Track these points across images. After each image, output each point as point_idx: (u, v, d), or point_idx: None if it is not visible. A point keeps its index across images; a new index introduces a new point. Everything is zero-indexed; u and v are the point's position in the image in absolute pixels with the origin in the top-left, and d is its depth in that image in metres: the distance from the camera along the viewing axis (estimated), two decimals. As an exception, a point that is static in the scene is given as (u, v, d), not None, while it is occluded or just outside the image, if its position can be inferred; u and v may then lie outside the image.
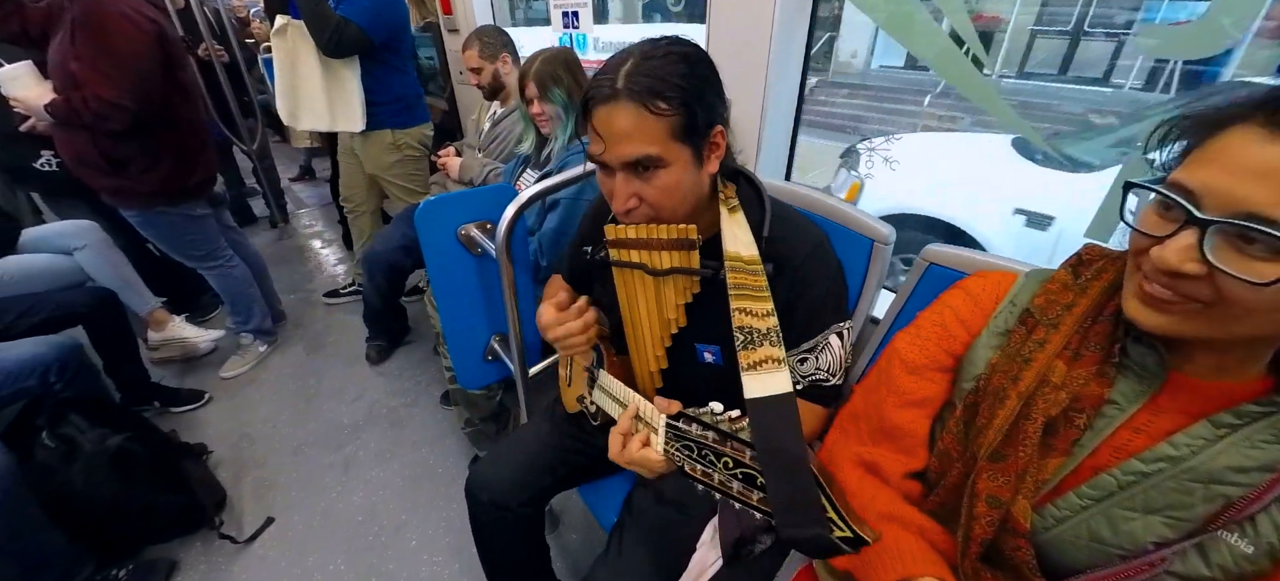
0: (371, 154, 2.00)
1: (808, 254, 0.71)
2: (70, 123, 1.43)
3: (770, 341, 0.61)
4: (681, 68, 0.61)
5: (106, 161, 1.51)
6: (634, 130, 0.61)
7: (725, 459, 0.52)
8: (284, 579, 1.32)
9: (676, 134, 0.62)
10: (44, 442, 1.20)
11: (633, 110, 0.60)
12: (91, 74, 1.37)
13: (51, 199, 1.85)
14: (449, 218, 1.12)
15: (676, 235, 0.67)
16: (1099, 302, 0.51)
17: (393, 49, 1.87)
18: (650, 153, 0.62)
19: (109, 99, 1.38)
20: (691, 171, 0.65)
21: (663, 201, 0.66)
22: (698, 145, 0.65)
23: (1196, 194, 0.40)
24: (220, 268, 1.88)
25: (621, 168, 0.64)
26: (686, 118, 0.61)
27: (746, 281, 0.65)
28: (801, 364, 0.73)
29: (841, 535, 0.45)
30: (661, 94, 0.60)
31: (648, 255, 0.70)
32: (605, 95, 0.61)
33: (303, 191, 3.73)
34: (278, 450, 1.68)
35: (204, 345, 1.99)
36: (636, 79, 0.60)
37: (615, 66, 0.62)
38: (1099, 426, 0.49)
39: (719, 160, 0.68)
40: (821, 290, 0.72)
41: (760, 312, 0.63)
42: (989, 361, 0.55)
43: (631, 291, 0.75)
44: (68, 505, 1.18)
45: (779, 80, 1.07)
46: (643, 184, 0.65)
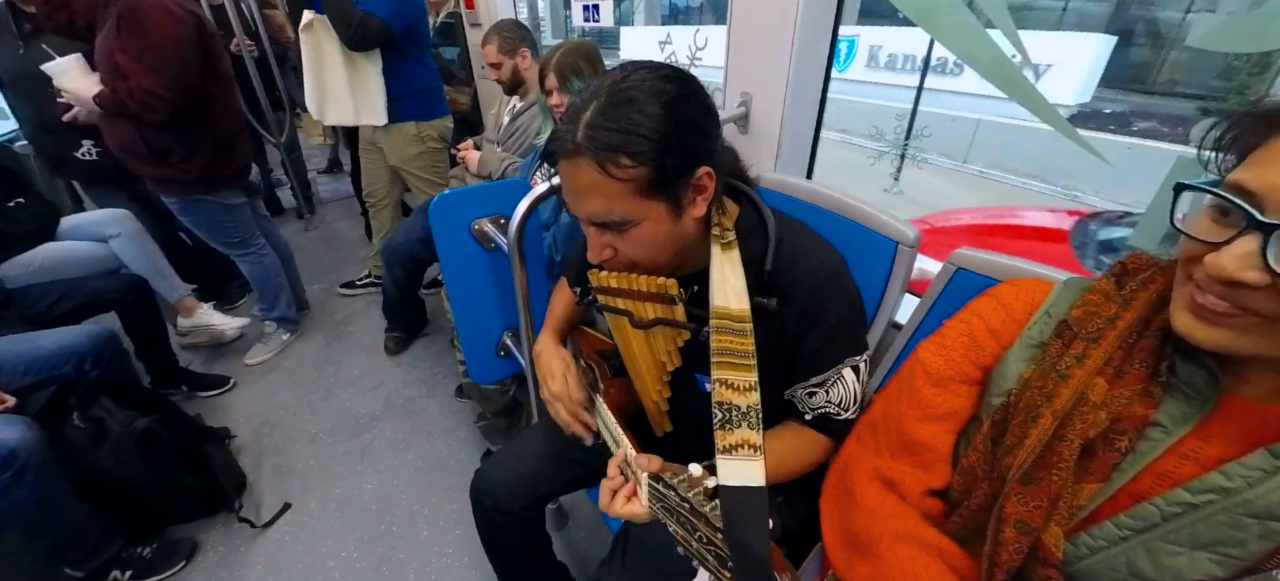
0: (395, 146, 2.02)
1: (820, 284, 0.64)
2: (116, 113, 1.49)
3: (749, 423, 0.56)
4: (652, 110, 0.53)
5: (150, 150, 1.56)
6: (594, 188, 0.55)
7: (699, 533, 0.51)
8: (299, 564, 1.34)
9: (644, 190, 0.55)
10: (74, 423, 1.25)
11: (592, 170, 0.54)
12: (135, 65, 1.42)
13: (90, 187, 1.92)
14: (463, 212, 1.11)
15: (656, 289, 0.63)
16: (1145, 316, 0.47)
17: (413, 40, 1.89)
18: (614, 215, 0.56)
19: (151, 89, 1.43)
20: (668, 222, 0.59)
21: (638, 254, 0.61)
22: (674, 194, 0.57)
23: (1259, 196, 0.36)
24: (253, 255, 1.93)
25: (590, 224, 0.60)
26: (656, 172, 0.54)
27: (732, 345, 0.59)
28: (811, 396, 0.68)
29: None
30: (625, 149, 0.52)
31: (631, 304, 0.66)
32: (567, 150, 0.55)
33: (330, 184, 3.81)
34: (296, 437, 1.71)
35: (230, 332, 2.05)
36: (598, 133, 0.53)
37: (578, 112, 0.55)
38: (1142, 450, 0.45)
39: (707, 200, 0.60)
40: (833, 321, 0.64)
41: (742, 386, 0.57)
42: (1021, 375, 0.52)
43: (624, 334, 0.71)
44: (96, 483, 1.22)
45: (802, 74, 1.03)
46: (615, 237, 0.60)
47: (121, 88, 1.43)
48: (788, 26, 0.98)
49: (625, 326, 0.69)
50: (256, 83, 2.67)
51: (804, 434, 0.70)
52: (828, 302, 0.64)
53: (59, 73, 1.51)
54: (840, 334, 0.65)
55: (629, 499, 0.61)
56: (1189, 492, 0.42)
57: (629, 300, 0.66)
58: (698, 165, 0.57)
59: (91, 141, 1.76)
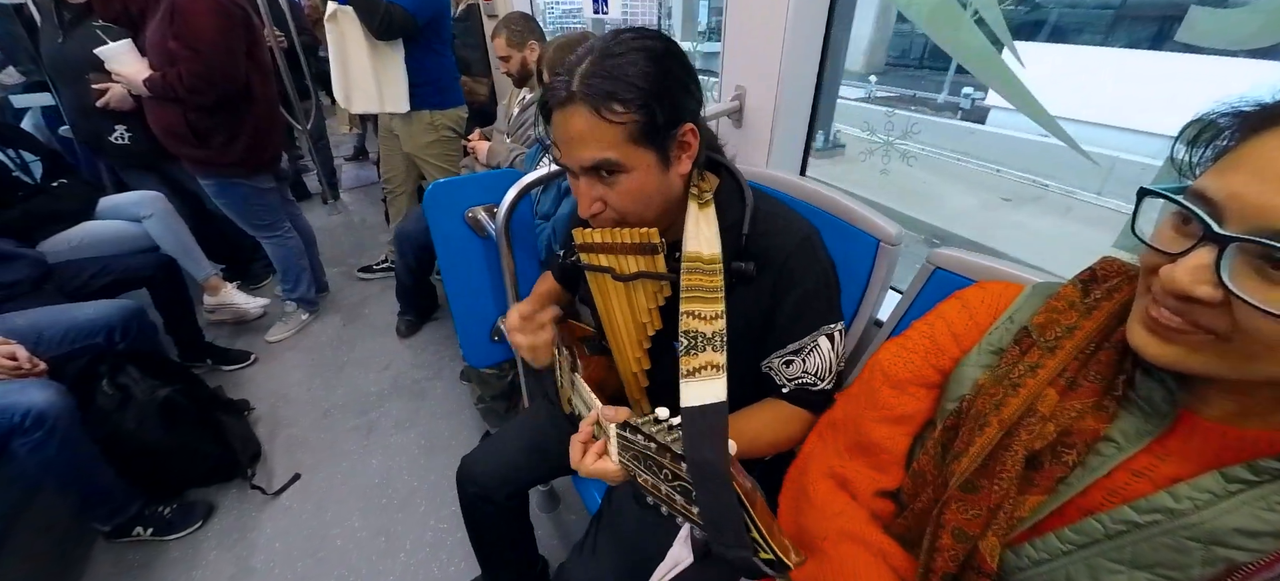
0: (411, 134, 2.07)
1: (793, 249, 0.66)
2: (165, 96, 1.59)
3: (713, 346, 0.57)
4: (642, 65, 0.57)
5: (193, 133, 1.66)
6: (589, 135, 0.58)
7: (665, 471, 0.50)
8: (305, 530, 1.41)
9: (636, 138, 0.58)
10: (104, 390, 1.33)
11: (587, 115, 0.57)
12: (186, 52, 1.51)
13: (124, 170, 2.03)
14: (457, 200, 1.14)
15: (640, 239, 0.65)
16: (1105, 327, 0.45)
17: (434, 31, 1.92)
18: (607, 157, 0.59)
19: (200, 75, 1.52)
20: (657, 174, 0.62)
21: (628, 206, 0.63)
22: (663, 146, 0.61)
23: (1219, 205, 0.34)
24: (279, 237, 2.02)
25: (582, 172, 0.62)
26: (646, 120, 0.57)
27: (701, 283, 0.61)
28: (788, 367, 0.69)
29: (765, 557, 0.42)
30: (617, 96, 0.56)
31: (614, 259, 0.68)
32: (561, 98, 0.59)
33: (354, 171, 3.93)
34: (309, 411, 1.79)
35: (253, 310, 2.15)
36: (592, 81, 0.57)
37: (573, 66, 0.59)
38: (1092, 465, 0.43)
39: (691, 159, 0.64)
40: (809, 286, 0.66)
41: (708, 315, 0.59)
42: (976, 382, 0.50)
43: (605, 295, 0.73)
44: (121, 446, 1.31)
45: (794, 67, 1.01)
46: (606, 188, 0.62)
47: (171, 73, 1.53)
48: (779, 22, 0.96)
49: (607, 286, 0.71)
50: (284, 72, 2.76)
51: (780, 407, 0.70)
52: (804, 265, 0.66)
53: (111, 57, 1.61)
54: (816, 299, 0.67)
55: (599, 456, 0.61)
56: (1135, 511, 0.40)
57: (611, 255, 0.68)
58: (683, 121, 0.61)
59: (124, 126, 1.86)
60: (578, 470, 0.62)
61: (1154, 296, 0.38)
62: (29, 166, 1.68)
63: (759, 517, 0.43)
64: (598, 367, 0.85)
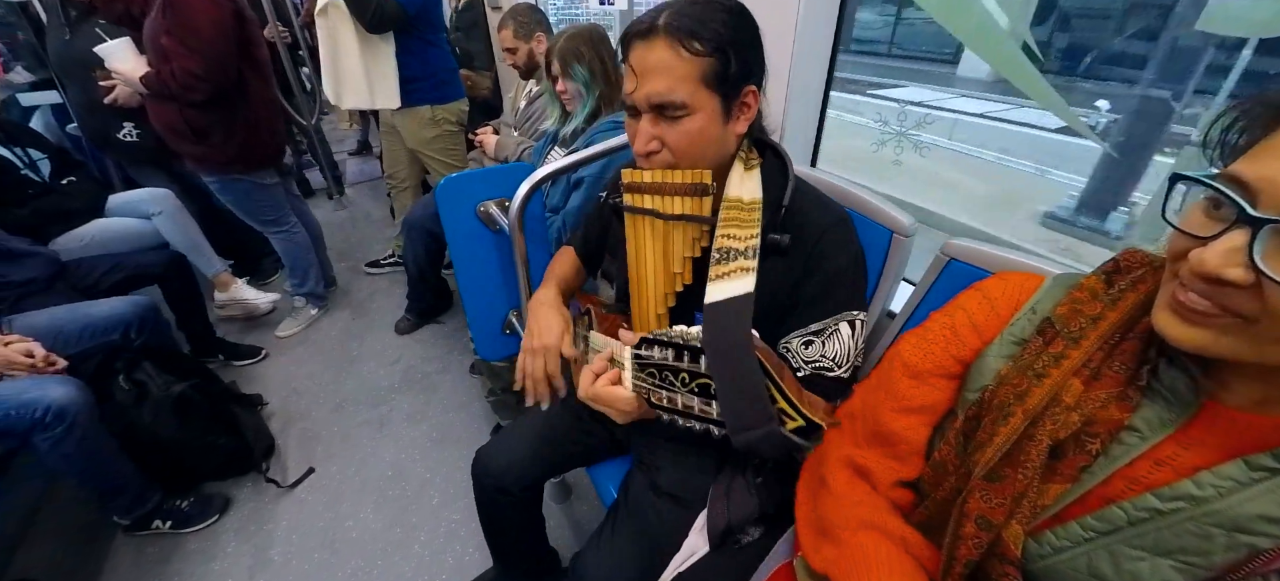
0: (411, 129, 2.06)
1: (830, 226, 0.68)
2: (160, 94, 1.58)
3: (745, 257, 0.60)
4: (723, 16, 0.60)
5: (191, 130, 1.65)
6: (665, 67, 0.60)
7: (682, 374, 0.50)
8: (319, 522, 1.43)
9: (707, 80, 0.61)
10: (120, 386, 1.35)
11: (667, 47, 0.60)
12: (177, 48, 1.50)
13: (132, 167, 2.04)
14: (469, 194, 1.14)
15: (691, 179, 0.66)
16: (1130, 317, 0.45)
17: (425, 21, 1.89)
18: (677, 96, 0.61)
19: (191, 71, 1.51)
20: (717, 123, 0.64)
21: (684, 148, 0.65)
22: (728, 98, 0.63)
23: (1253, 189, 0.34)
24: (285, 233, 2.02)
25: (649, 108, 0.64)
26: (720, 64, 0.60)
27: (739, 215, 0.64)
28: (806, 347, 0.69)
29: (795, 425, 0.43)
30: (698, 35, 0.59)
31: (660, 200, 0.69)
32: (643, 30, 0.61)
33: (357, 166, 3.93)
34: (321, 405, 1.81)
35: (263, 306, 2.16)
36: (676, 18, 0.60)
37: (660, 7, 0.62)
38: (1115, 454, 0.44)
39: (748, 122, 0.67)
40: (839, 265, 0.67)
41: (743, 237, 0.62)
42: (998, 372, 0.51)
43: (641, 240, 0.74)
44: (138, 441, 1.33)
45: (805, 57, 1.01)
46: (667, 127, 0.64)
47: (164, 69, 1.52)
48: (791, 12, 0.96)
49: (644, 231, 0.72)
50: (288, 67, 2.75)
51: None
52: (836, 245, 0.67)
53: (109, 54, 1.60)
54: (842, 281, 0.68)
55: (612, 384, 0.61)
56: (1158, 499, 0.41)
57: (658, 196, 0.69)
58: (750, 80, 0.64)
59: (132, 123, 1.87)
60: (584, 395, 0.63)
61: (1181, 280, 0.38)
62: (37, 165, 1.68)
63: (787, 385, 0.43)
64: (612, 325, 0.86)
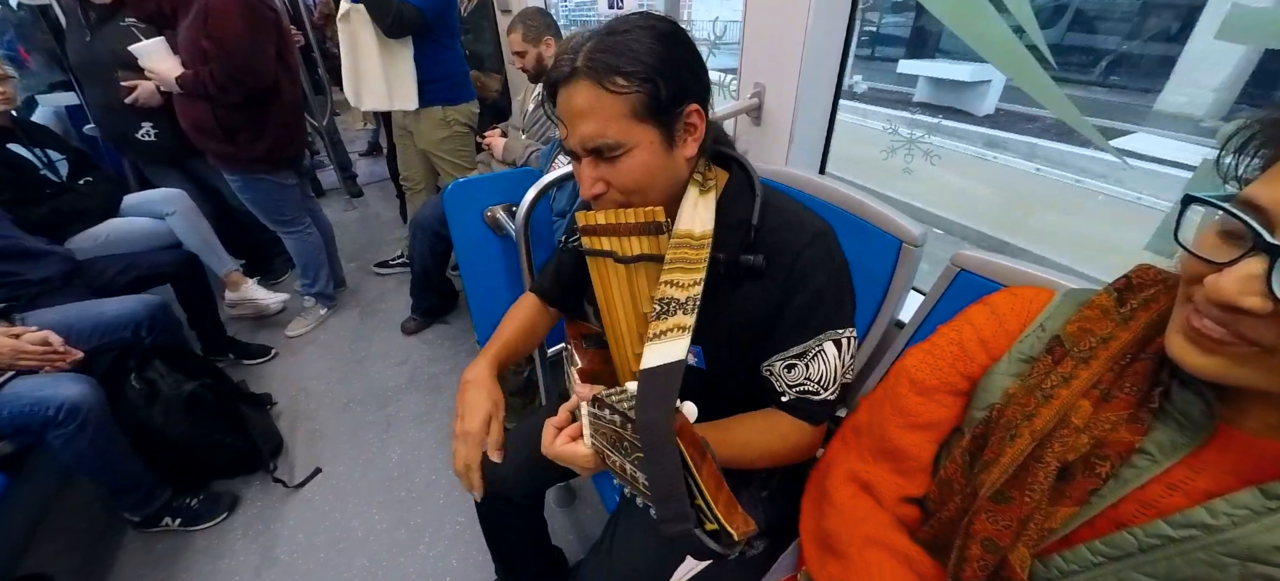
0: (423, 130, 2.08)
1: (807, 244, 0.64)
2: (196, 94, 1.62)
3: (685, 310, 0.56)
4: (646, 41, 0.57)
5: (221, 129, 1.69)
6: (591, 110, 0.57)
7: (626, 444, 0.48)
8: (326, 522, 1.44)
9: (639, 114, 0.58)
10: (132, 384, 1.37)
11: (590, 89, 0.57)
12: (218, 51, 1.54)
13: (148, 166, 2.07)
14: (476, 199, 1.15)
15: (644, 218, 0.63)
16: (1142, 337, 0.45)
17: (443, 26, 1.92)
18: (608, 137, 0.58)
19: (230, 74, 1.56)
20: (660, 153, 0.61)
21: (631, 185, 0.62)
22: (667, 125, 0.60)
23: (1271, 213, 0.33)
24: (299, 233, 2.05)
25: (585, 153, 0.61)
26: (650, 95, 0.57)
27: (686, 256, 0.60)
28: (790, 371, 0.65)
29: (711, 527, 0.40)
30: (620, 70, 0.56)
31: (617, 242, 0.66)
32: (564, 75, 0.58)
33: (367, 167, 3.97)
34: (329, 405, 1.82)
35: (273, 305, 2.18)
36: (595, 56, 0.56)
37: (578, 45, 0.58)
38: (1125, 477, 0.43)
39: (697, 142, 0.63)
40: (819, 284, 0.63)
41: (686, 283, 0.58)
42: (1005, 391, 0.50)
43: (607, 283, 0.70)
44: (149, 439, 1.35)
45: (815, 62, 1.00)
46: (609, 168, 0.61)
47: (203, 71, 1.56)
48: (800, 18, 0.95)
49: (608, 273, 0.69)
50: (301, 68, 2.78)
51: (777, 418, 0.67)
52: (815, 263, 0.63)
53: (145, 54, 1.65)
54: (824, 300, 0.64)
55: (572, 440, 0.59)
56: (1170, 525, 0.40)
57: (614, 237, 0.66)
58: (689, 100, 0.60)
59: (150, 123, 1.90)
60: (546, 452, 0.60)
61: (1196, 306, 0.37)
62: (55, 165, 1.71)
63: (705, 481, 0.40)
64: (593, 360, 0.84)
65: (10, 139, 1.61)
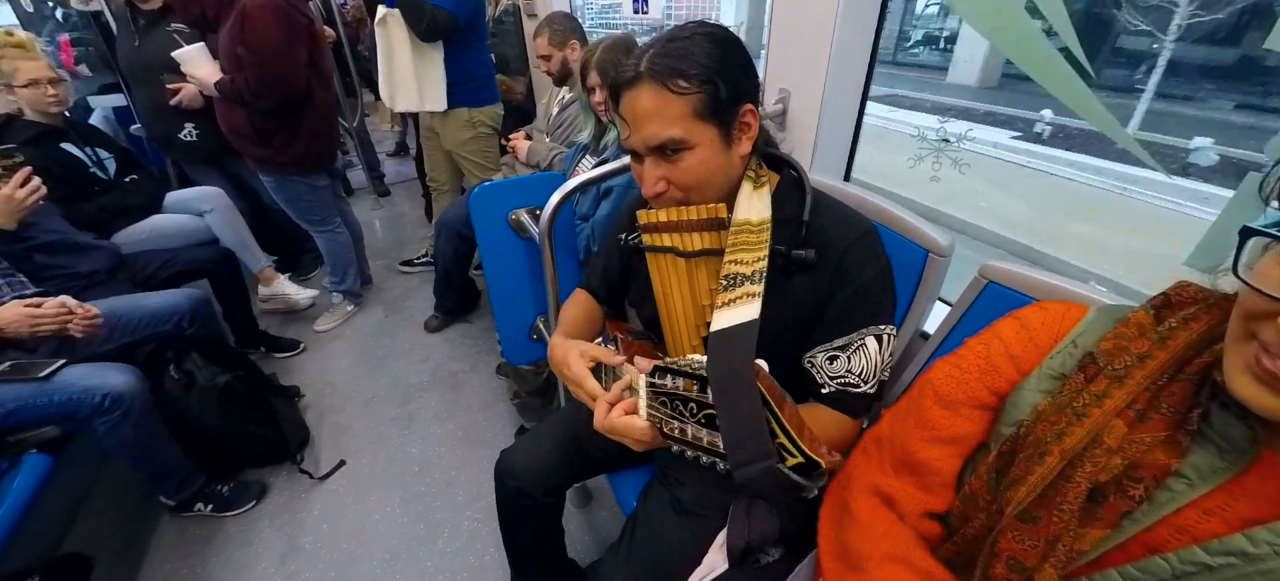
0: (449, 131, 2.12)
1: (855, 240, 0.67)
2: (232, 99, 1.68)
3: (752, 281, 0.60)
4: (705, 46, 0.61)
5: (257, 133, 1.76)
6: (656, 111, 0.61)
7: (691, 404, 0.50)
8: (349, 514, 1.48)
9: (700, 113, 0.61)
10: (171, 374, 1.43)
11: (654, 91, 0.61)
12: (253, 58, 1.59)
13: (189, 165, 2.16)
14: (501, 203, 1.17)
15: (706, 215, 0.67)
16: (1180, 357, 0.43)
17: (473, 29, 1.97)
18: (673, 135, 0.61)
19: (265, 80, 1.61)
20: (720, 151, 0.64)
21: (691, 184, 0.65)
22: (725, 124, 0.63)
23: None
24: (330, 232, 2.11)
25: (648, 152, 0.64)
26: (710, 95, 0.61)
27: (747, 239, 0.64)
28: (831, 362, 0.69)
29: (794, 462, 0.41)
30: (682, 72, 0.60)
31: (678, 238, 0.70)
32: (629, 79, 0.62)
33: (394, 167, 4.06)
34: (354, 399, 1.87)
35: (303, 301, 2.25)
36: (658, 61, 0.60)
37: (642, 52, 0.62)
38: (1160, 501, 0.42)
39: (751, 140, 0.67)
40: (864, 280, 0.67)
41: (750, 261, 0.62)
42: (1035, 407, 0.49)
43: (666, 277, 0.74)
44: (185, 427, 1.40)
45: (841, 69, 0.99)
46: (670, 167, 0.64)
47: (239, 77, 1.62)
48: (828, 23, 0.94)
49: (668, 268, 0.72)
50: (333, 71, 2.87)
51: (817, 410, 0.70)
52: (861, 260, 0.67)
53: (186, 59, 1.72)
54: (869, 295, 0.67)
55: (627, 413, 0.59)
56: (1207, 553, 0.39)
57: (676, 233, 0.69)
58: (744, 100, 0.64)
59: (192, 124, 1.98)
60: (601, 427, 0.61)
61: (1264, 345, 0.35)
62: (104, 163, 1.80)
63: (787, 419, 0.42)
64: (637, 350, 0.86)
65: (63, 138, 1.69)
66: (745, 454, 0.45)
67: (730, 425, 0.46)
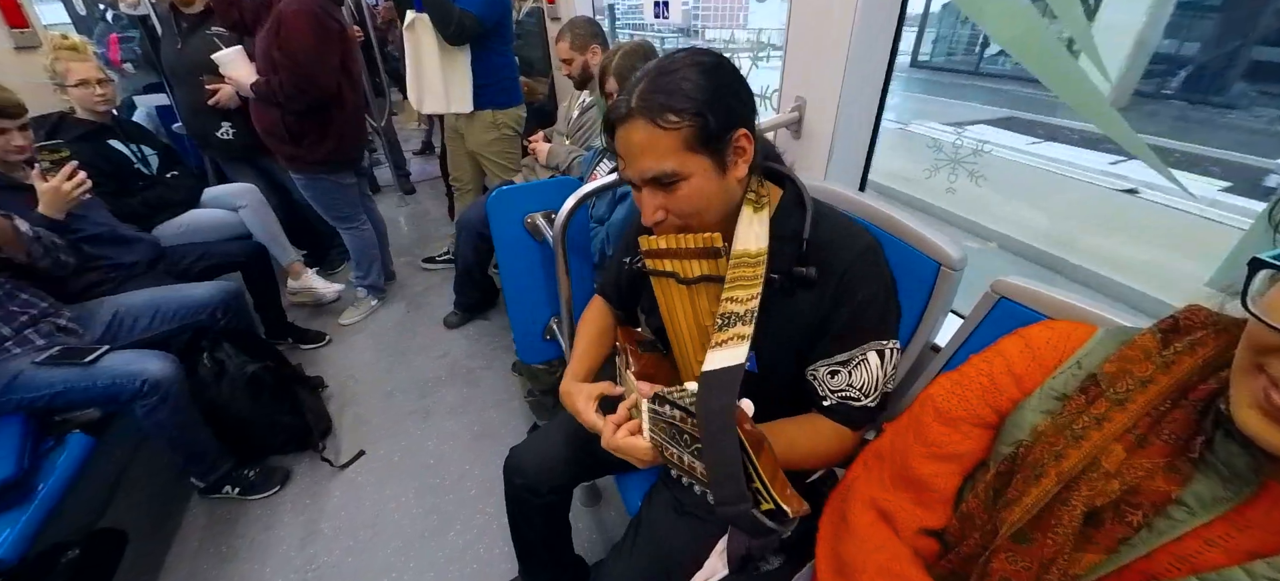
0: (473, 133, 2.17)
1: (854, 258, 0.68)
2: (267, 99, 1.76)
3: (744, 322, 0.61)
4: (694, 77, 0.61)
5: (288, 133, 1.83)
6: (648, 146, 0.62)
7: (685, 437, 0.53)
8: (366, 502, 1.53)
9: (691, 145, 0.62)
10: (204, 363, 1.50)
11: (644, 127, 0.62)
12: (287, 62, 1.67)
13: (225, 162, 2.26)
14: (517, 206, 1.19)
15: (702, 244, 0.68)
16: (1184, 383, 0.43)
17: (498, 33, 2.01)
18: (665, 168, 0.62)
19: (297, 83, 1.69)
20: (714, 179, 0.65)
21: (688, 211, 0.66)
22: (718, 152, 0.64)
23: None
24: (355, 228, 2.19)
25: (644, 183, 0.66)
26: (700, 127, 0.61)
27: (744, 274, 0.64)
28: (833, 376, 0.69)
29: (767, 507, 0.44)
30: (671, 107, 0.60)
31: (678, 264, 0.72)
32: (621, 115, 0.63)
33: (420, 165, 4.16)
34: (374, 392, 1.93)
35: (329, 295, 2.33)
36: (647, 96, 0.61)
37: (633, 86, 0.63)
38: (1159, 528, 0.41)
39: (747, 162, 0.67)
40: (864, 297, 0.67)
41: (744, 299, 0.63)
42: (1035, 427, 0.49)
43: (669, 299, 0.76)
44: (216, 413, 1.47)
45: (858, 80, 0.99)
46: (667, 196, 0.65)
47: (273, 79, 1.69)
48: (844, 32, 0.94)
49: (671, 291, 0.74)
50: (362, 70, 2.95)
51: (819, 422, 0.71)
52: (863, 276, 0.67)
53: (225, 62, 1.80)
54: (870, 311, 0.67)
55: (631, 433, 0.64)
56: None
57: (676, 260, 0.71)
58: (737, 126, 0.64)
59: (228, 123, 2.07)
60: (607, 445, 0.66)
61: (1272, 379, 0.34)
62: (147, 159, 1.90)
63: (762, 465, 0.45)
64: (647, 364, 0.88)
65: (110, 135, 1.79)
66: (726, 493, 0.48)
67: (713, 464, 0.49)
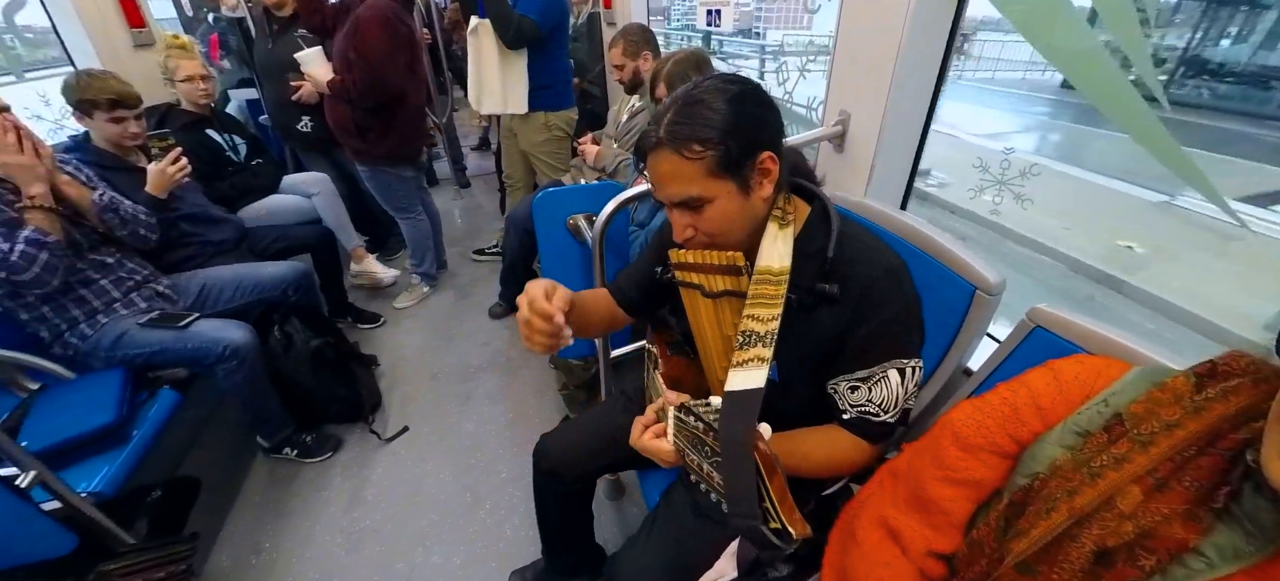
0: (527, 133, 2.27)
1: (879, 275, 0.69)
2: (340, 96, 1.92)
3: (764, 343, 0.63)
4: (719, 105, 0.64)
5: (356, 128, 1.99)
6: (674, 174, 0.66)
7: (706, 448, 0.57)
8: (407, 476, 1.64)
9: (714, 171, 0.65)
10: (274, 335, 1.65)
11: (671, 156, 0.65)
12: (361, 61, 1.82)
13: (303, 152, 2.46)
14: (561, 208, 1.25)
15: (726, 262, 0.71)
16: (1214, 430, 0.41)
17: (555, 38, 2.09)
18: (691, 193, 0.66)
19: (368, 81, 1.83)
20: (738, 200, 0.68)
21: (715, 230, 0.70)
22: (741, 175, 0.67)
23: None
24: (412, 219, 2.33)
25: (673, 206, 0.70)
26: (723, 154, 0.64)
27: (766, 292, 0.67)
28: (853, 391, 0.71)
29: (774, 526, 0.48)
30: (696, 138, 0.64)
31: (704, 278, 0.75)
32: (651, 144, 0.68)
33: (476, 161, 4.35)
34: (421, 373, 2.06)
35: (386, 279, 2.49)
36: (674, 128, 0.65)
37: (661, 114, 0.67)
38: (1174, 576, 0.40)
39: (773, 183, 0.69)
40: (887, 315, 0.68)
41: (766, 318, 0.66)
42: (1053, 461, 0.48)
43: (696, 309, 0.80)
44: (282, 381, 1.61)
45: (904, 95, 0.98)
46: (695, 216, 0.69)
47: (349, 77, 1.85)
48: (892, 47, 0.93)
49: (697, 301, 0.78)
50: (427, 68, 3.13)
51: (838, 433, 0.73)
52: (884, 296, 0.68)
53: (306, 61, 1.97)
54: (891, 329, 0.69)
55: (657, 436, 0.70)
56: None
57: (702, 274, 0.75)
58: (760, 150, 0.67)
59: (308, 117, 2.26)
60: (634, 444, 0.71)
61: None
62: (237, 148, 2.10)
63: (773, 488, 0.49)
64: (676, 367, 0.92)
65: (208, 125, 2.00)
66: (739, 508, 0.52)
67: (729, 480, 0.53)
